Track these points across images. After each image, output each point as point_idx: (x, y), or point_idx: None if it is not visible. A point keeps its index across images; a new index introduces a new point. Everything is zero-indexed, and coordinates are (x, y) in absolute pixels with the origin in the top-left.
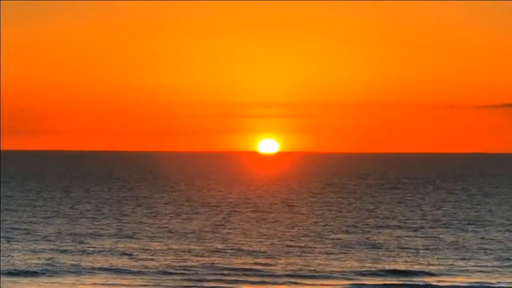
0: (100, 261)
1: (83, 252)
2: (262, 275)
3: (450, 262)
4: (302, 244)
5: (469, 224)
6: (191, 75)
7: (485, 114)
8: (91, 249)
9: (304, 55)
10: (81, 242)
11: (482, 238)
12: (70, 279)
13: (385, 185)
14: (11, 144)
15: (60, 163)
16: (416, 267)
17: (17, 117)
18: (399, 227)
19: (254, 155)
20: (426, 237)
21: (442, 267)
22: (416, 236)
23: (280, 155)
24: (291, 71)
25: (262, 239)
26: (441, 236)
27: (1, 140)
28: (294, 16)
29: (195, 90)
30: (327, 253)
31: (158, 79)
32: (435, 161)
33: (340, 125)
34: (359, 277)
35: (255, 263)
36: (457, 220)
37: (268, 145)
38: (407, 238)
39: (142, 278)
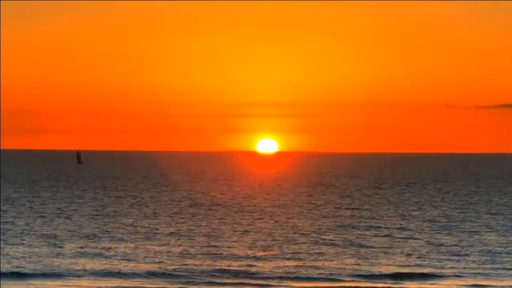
0: (82, 263)
1: (66, 254)
2: (249, 277)
3: (442, 264)
4: (290, 245)
5: (461, 225)
6: (189, 74)
7: (483, 115)
8: (73, 251)
9: (302, 54)
10: (64, 244)
11: (474, 240)
12: (54, 282)
13: (379, 186)
14: (10, 143)
15: (57, 162)
16: (407, 270)
17: (17, 117)
18: (390, 228)
19: (253, 155)
20: (418, 239)
21: (433, 270)
22: (407, 238)
23: (279, 155)
24: (290, 71)
25: (250, 240)
26: (432, 237)
27: (1, 140)
28: (292, 15)
29: (193, 89)
30: (316, 254)
31: (157, 79)
32: (432, 161)
33: (339, 125)
34: (348, 279)
35: (242, 265)
36: (449, 221)
37: (267, 145)
38: (398, 240)
39: (126, 280)
